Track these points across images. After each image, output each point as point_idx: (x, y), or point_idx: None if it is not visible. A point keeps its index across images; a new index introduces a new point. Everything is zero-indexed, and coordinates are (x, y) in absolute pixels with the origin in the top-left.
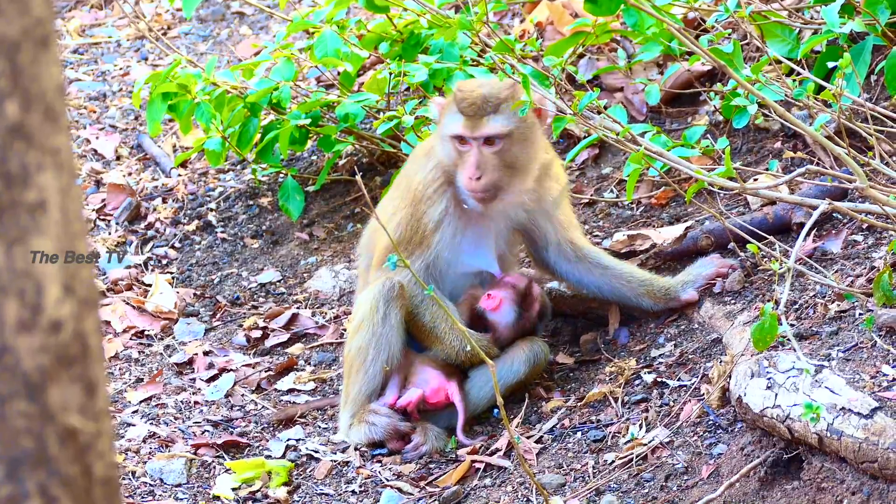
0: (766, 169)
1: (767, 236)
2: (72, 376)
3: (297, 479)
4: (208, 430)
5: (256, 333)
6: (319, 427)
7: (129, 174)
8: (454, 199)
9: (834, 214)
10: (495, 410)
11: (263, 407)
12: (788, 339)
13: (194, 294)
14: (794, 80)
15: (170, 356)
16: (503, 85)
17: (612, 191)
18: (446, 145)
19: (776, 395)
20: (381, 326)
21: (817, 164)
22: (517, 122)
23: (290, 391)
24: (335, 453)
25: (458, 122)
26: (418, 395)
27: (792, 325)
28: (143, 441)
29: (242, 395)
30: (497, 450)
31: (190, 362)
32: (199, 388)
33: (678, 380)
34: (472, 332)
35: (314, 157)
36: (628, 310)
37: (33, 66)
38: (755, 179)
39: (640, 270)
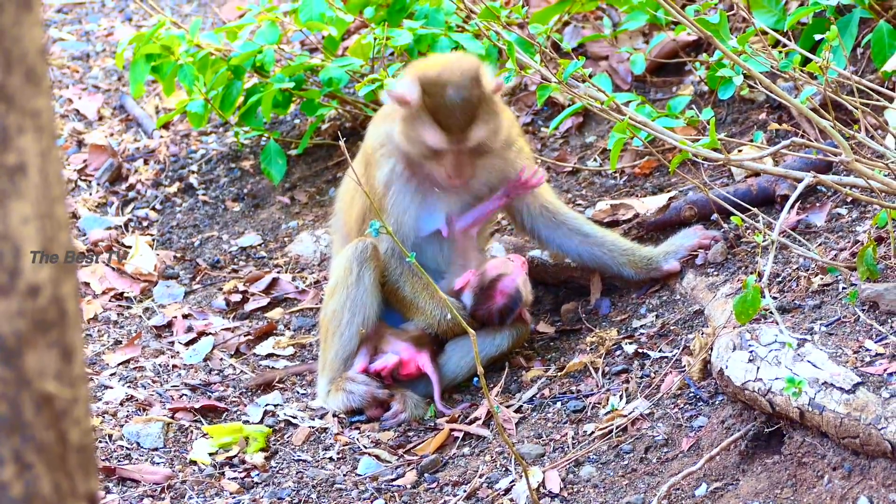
0: (751, 140)
1: (751, 208)
2: (49, 341)
3: (274, 444)
4: (186, 394)
5: (236, 297)
6: (298, 393)
7: (111, 135)
8: (402, 162)
9: (818, 187)
10: (475, 379)
11: (242, 371)
12: (771, 312)
13: (174, 256)
14: (781, 52)
15: (149, 319)
16: (470, 77)
17: (595, 160)
18: (420, 149)
19: (758, 368)
20: (354, 288)
21: (802, 137)
22: (492, 118)
23: (269, 356)
24: (313, 419)
25: (439, 135)
26: (395, 360)
27: (774, 298)
28: (121, 404)
29: (221, 360)
30: (476, 419)
31: (169, 325)
32: (178, 352)
33: (659, 351)
34: (453, 302)
35: (297, 121)
36: (610, 279)
37: (15, 28)
38: (739, 151)
39: (622, 239)
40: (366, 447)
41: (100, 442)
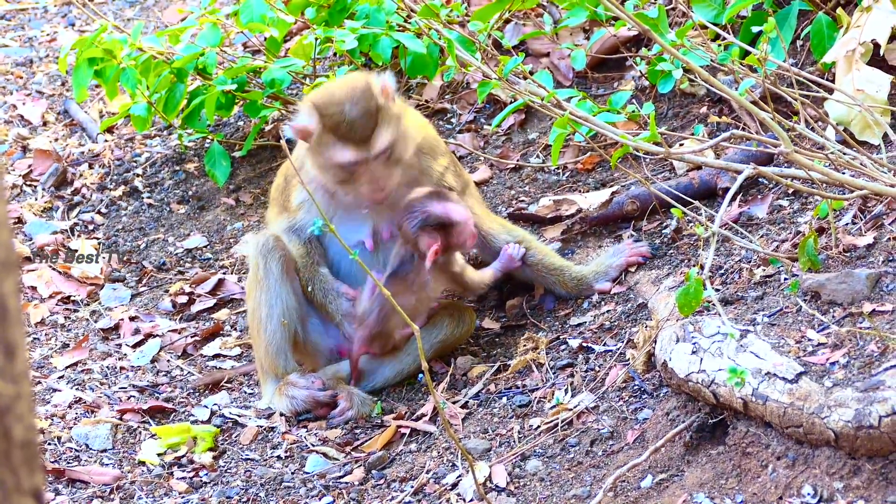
0: (692, 134)
1: (693, 201)
2: None
3: (222, 444)
4: (134, 396)
5: (182, 299)
6: (245, 392)
7: (56, 140)
8: (320, 189)
9: (759, 179)
10: (420, 376)
11: (189, 372)
12: (713, 304)
13: (120, 259)
14: (720, 45)
15: (96, 322)
16: (361, 90)
17: (538, 156)
18: (333, 172)
19: (701, 359)
20: (265, 280)
21: (743, 129)
22: (394, 122)
23: (216, 356)
24: (261, 419)
25: (345, 150)
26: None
27: (717, 290)
28: (69, 406)
29: (168, 361)
30: (423, 415)
31: (116, 328)
32: (125, 354)
33: (603, 345)
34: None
35: (240, 123)
36: None
37: None
38: (681, 144)
39: (553, 256)
40: (313, 445)
41: (49, 444)
